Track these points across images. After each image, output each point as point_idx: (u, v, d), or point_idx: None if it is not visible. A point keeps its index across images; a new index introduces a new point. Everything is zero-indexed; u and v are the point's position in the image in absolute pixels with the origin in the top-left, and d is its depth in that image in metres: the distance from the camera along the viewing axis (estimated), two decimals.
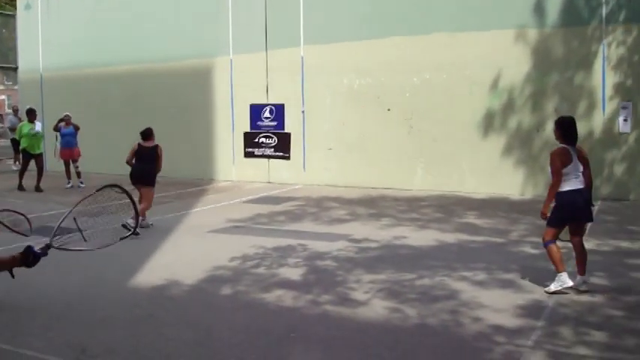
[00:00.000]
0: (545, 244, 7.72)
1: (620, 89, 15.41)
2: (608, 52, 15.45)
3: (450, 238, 11.04)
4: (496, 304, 7.19)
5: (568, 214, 7.67)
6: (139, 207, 10.72)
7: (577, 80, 15.80)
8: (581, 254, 7.74)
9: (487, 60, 16.53)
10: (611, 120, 15.45)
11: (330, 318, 6.89)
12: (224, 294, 7.87)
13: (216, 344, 6.08)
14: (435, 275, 8.48)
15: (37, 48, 24.52)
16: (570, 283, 7.50)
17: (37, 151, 18.46)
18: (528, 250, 10.13)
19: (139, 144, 12.60)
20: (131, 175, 12.46)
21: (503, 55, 16.38)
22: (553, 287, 7.55)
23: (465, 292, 7.72)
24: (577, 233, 7.79)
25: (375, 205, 14.82)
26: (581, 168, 7.69)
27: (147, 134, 12.71)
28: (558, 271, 7.56)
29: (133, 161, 12.55)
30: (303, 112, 19.05)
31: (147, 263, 9.37)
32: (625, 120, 15.32)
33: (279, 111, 19.20)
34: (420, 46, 17.36)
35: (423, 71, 17.43)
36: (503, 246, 10.47)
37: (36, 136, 18.39)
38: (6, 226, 7.53)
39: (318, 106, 18.84)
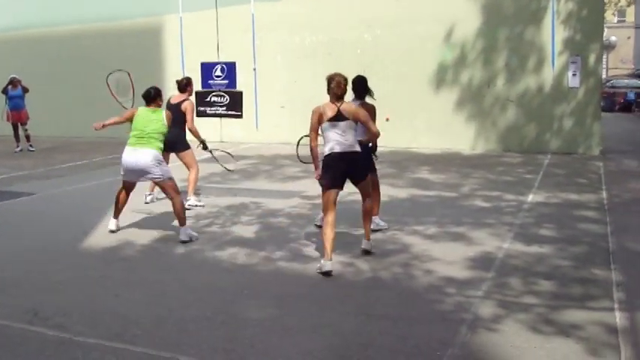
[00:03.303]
0: None
1: (569, 44, 15.60)
2: (557, 7, 15.60)
3: (403, 193, 11.14)
4: (447, 257, 7.30)
5: None
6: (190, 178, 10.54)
7: (527, 35, 15.95)
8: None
9: (438, 15, 16.57)
10: (561, 74, 15.67)
11: (283, 274, 6.94)
12: (178, 253, 7.86)
13: (170, 303, 6.07)
14: (387, 230, 8.57)
15: None
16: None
17: None
18: (479, 203, 10.27)
19: (168, 101, 10.72)
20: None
21: (454, 11, 16.43)
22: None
23: (417, 246, 7.82)
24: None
25: None
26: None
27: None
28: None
29: None
30: (254, 70, 18.93)
31: (100, 225, 9.27)
32: (574, 74, 15.54)
33: (230, 69, 18.99)
34: (371, 2, 17.33)
35: (375, 27, 17.41)
36: (455, 200, 10.60)
37: None
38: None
39: (270, 64, 18.74)
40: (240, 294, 6.31)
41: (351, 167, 7.23)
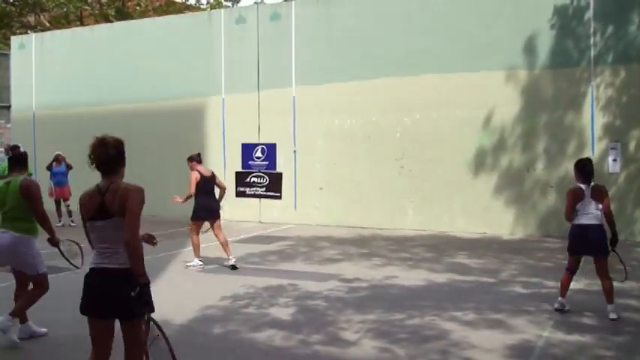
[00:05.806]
0: None
1: (608, 130, 15.57)
2: (596, 93, 15.64)
3: (441, 277, 11.06)
4: (485, 345, 7.19)
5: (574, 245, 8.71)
6: (222, 241, 11.88)
7: (566, 121, 15.96)
8: (603, 285, 8.47)
9: (477, 100, 16.70)
10: (601, 160, 15.56)
11: (320, 358, 6.89)
12: (214, 334, 7.85)
13: None
14: (424, 315, 8.49)
15: (31, 87, 24.53)
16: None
17: None
18: (518, 290, 10.14)
19: (200, 174, 11.94)
20: (200, 209, 11.88)
21: (494, 96, 16.55)
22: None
23: (455, 332, 7.73)
24: (596, 267, 8.57)
25: (365, 245, 14.83)
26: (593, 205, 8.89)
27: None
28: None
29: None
30: (294, 151, 19.15)
31: None
32: (614, 160, 15.45)
33: (270, 151, 19.22)
34: (410, 87, 17.53)
35: (414, 111, 17.58)
36: (493, 286, 10.48)
37: None
38: (63, 255, 8.56)
39: (310, 146, 18.94)
40: None
41: None
